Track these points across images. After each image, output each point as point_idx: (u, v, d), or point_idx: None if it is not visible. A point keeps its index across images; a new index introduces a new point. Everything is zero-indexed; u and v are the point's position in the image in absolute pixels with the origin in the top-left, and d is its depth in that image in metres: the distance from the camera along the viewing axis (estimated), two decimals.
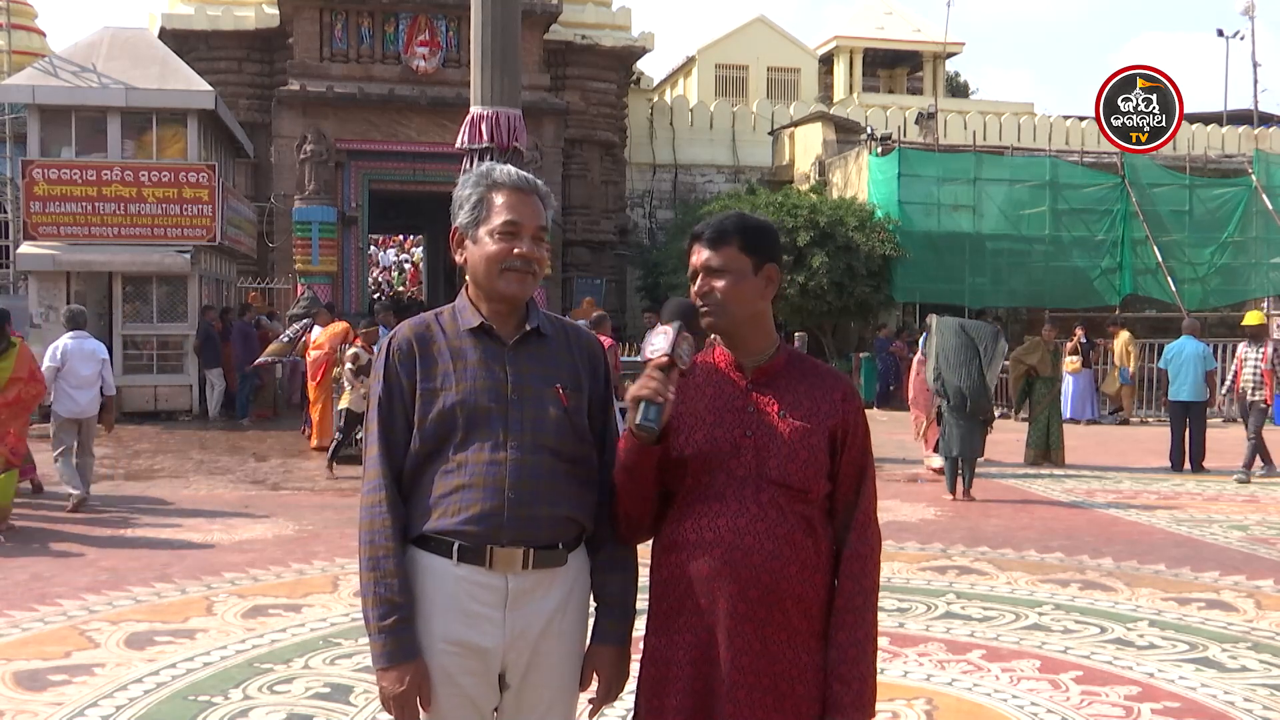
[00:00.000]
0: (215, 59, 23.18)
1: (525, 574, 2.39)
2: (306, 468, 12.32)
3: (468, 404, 2.39)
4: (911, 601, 6.60)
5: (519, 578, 2.38)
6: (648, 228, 27.68)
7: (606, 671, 2.48)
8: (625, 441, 2.35)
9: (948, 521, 9.42)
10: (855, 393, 2.52)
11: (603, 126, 25.09)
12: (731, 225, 2.45)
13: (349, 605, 6.34)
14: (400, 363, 2.43)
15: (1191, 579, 7.36)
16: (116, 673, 5.16)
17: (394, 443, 2.42)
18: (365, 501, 2.41)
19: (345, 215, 22.59)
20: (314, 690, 4.95)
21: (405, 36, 22.62)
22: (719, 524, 2.34)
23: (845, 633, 2.36)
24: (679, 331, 2.31)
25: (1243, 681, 5.23)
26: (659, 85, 34.93)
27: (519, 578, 2.38)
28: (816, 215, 20.60)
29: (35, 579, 6.98)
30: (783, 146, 27.27)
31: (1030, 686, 5.11)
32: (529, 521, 2.38)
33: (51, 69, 17.56)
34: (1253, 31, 39.44)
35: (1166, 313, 21.44)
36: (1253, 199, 22.70)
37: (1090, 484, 11.77)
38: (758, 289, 2.44)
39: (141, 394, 17.07)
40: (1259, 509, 10.33)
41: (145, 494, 10.40)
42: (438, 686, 2.38)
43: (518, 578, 2.38)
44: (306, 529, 8.71)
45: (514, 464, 2.37)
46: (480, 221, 2.46)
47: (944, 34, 32.55)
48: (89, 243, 16.85)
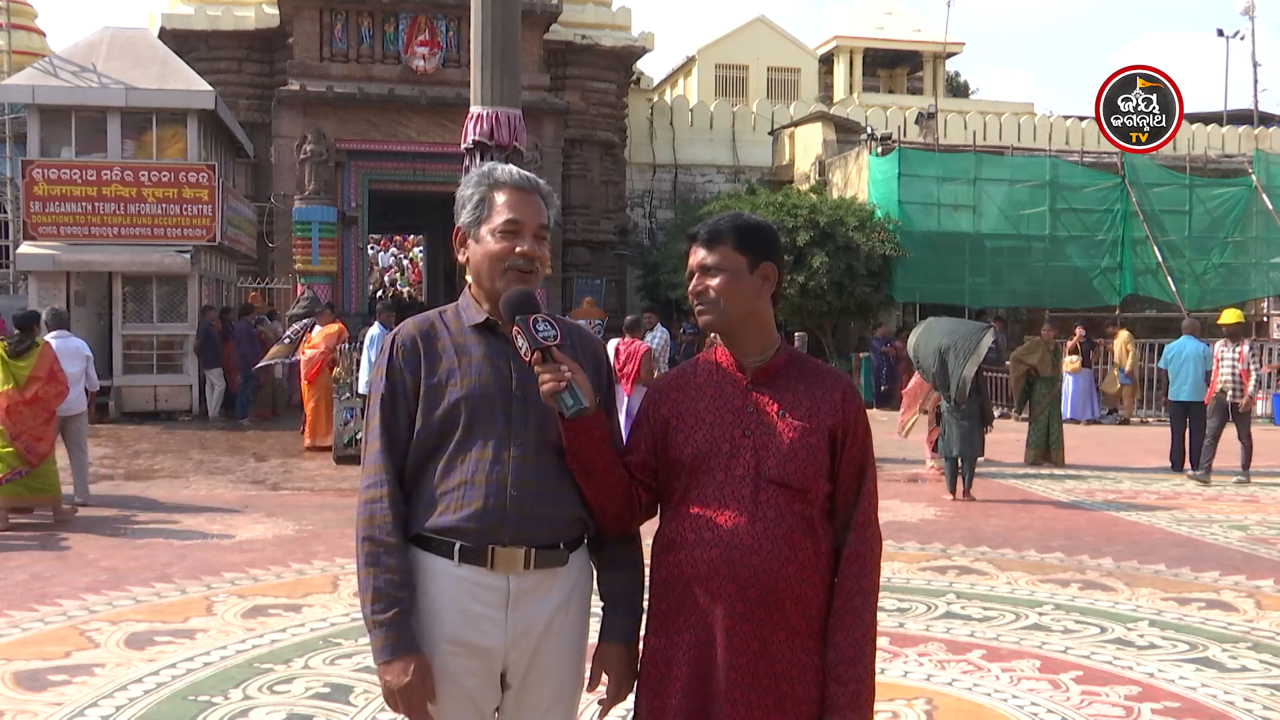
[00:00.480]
0: (215, 59, 23.18)
1: (527, 574, 2.38)
2: (306, 468, 12.33)
3: (472, 399, 2.38)
4: (911, 601, 6.60)
5: (520, 578, 2.38)
6: (648, 228, 27.68)
7: (616, 670, 2.46)
8: (565, 432, 2.35)
9: (948, 521, 9.42)
10: (855, 393, 2.52)
11: (603, 126, 25.09)
12: (725, 225, 2.46)
13: (349, 605, 6.34)
14: (404, 359, 2.43)
15: (1191, 579, 7.36)
16: (116, 673, 5.16)
17: (396, 439, 2.41)
18: (364, 498, 2.40)
19: (345, 215, 22.58)
20: (314, 690, 4.95)
21: (405, 36, 22.62)
22: (718, 523, 2.34)
23: (843, 633, 2.35)
24: (525, 322, 2.31)
25: (1243, 681, 5.23)
26: (659, 85, 34.92)
27: (520, 578, 2.38)
28: (816, 215, 20.59)
29: (35, 579, 6.98)
30: (783, 146, 27.27)
31: (1030, 686, 5.11)
32: (530, 520, 2.37)
33: (51, 69, 17.56)
34: (1253, 31, 39.54)
35: (1166, 313, 21.44)
36: (1253, 199, 22.70)
37: (1090, 484, 11.78)
38: (753, 287, 2.44)
39: (141, 394, 17.07)
40: (1259, 509, 10.33)
41: (145, 494, 10.41)
42: (439, 686, 2.37)
43: (519, 578, 2.38)
44: (306, 529, 8.71)
45: (517, 462, 2.37)
46: (482, 220, 2.46)
47: (944, 34, 32.55)
48: (89, 243, 16.85)
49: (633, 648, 2.49)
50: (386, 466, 2.39)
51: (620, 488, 2.43)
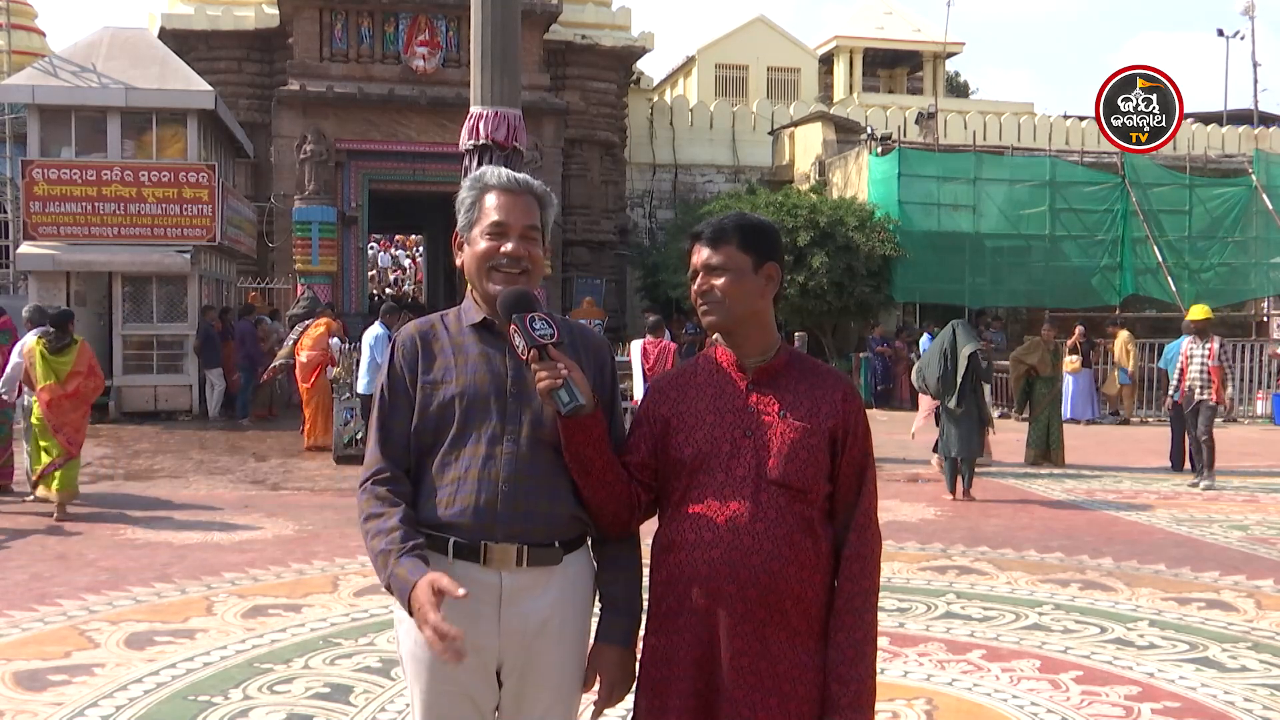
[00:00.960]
0: (215, 59, 23.19)
1: (520, 572, 2.39)
2: (306, 468, 12.33)
3: (466, 395, 2.43)
4: (911, 601, 6.60)
5: (513, 575, 2.39)
6: (648, 228, 27.68)
7: (610, 673, 2.46)
8: (563, 430, 2.36)
9: (948, 521, 9.42)
10: (856, 393, 2.52)
11: (603, 126, 25.09)
12: (730, 224, 2.46)
13: (349, 605, 6.35)
14: (404, 357, 2.50)
15: (1191, 579, 7.36)
16: (116, 673, 5.16)
17: (394, 434, 2.46)
18: (363, 487, 2.45)
19: (345, 215, 22.59)
20: (314, 690, 4.95)
21: (405, 36, 22.62)
22: (718, 524, 2.34)
23: (844, 634, 2.35)
24: (522, 321, 2.33)
25: (1243, 681, 5.23)
26: (659, 85, 34.92)
27: (513, 575, 2.39)
28: (816, 215, 20.60)
29: (35, 579, 6.98)
30: (783, 146, 27.27)
31: (1030, 686, 5.11)
32: (524, 516, 2.39)
33: (51, 69, 17.56)
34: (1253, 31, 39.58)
35: (1166, 313, 21.44)
36: (1253, 199, 22.70)
37: (1090, 484, 11.77)
38: (757, 287, 2.44)
39: (141, 394, 17.07)
40: (1259, 509, 10.33)
41: (145, 494, 10.40)
42: (436, 684, 2.38)
43: (512, 575, 2.39)
44: (306, 529, 8.71)
45: (509, 456, 2.40)
46: (474, 223, 2.53)
47: (944, 34, 32.56)
48: (89, 243, 16.85)
49: (629, 650, 2.49)
50: (384, 456, 2.44)
51: (619, 487, 2.43)
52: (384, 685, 4.99)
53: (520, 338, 2.33)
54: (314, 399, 13.75)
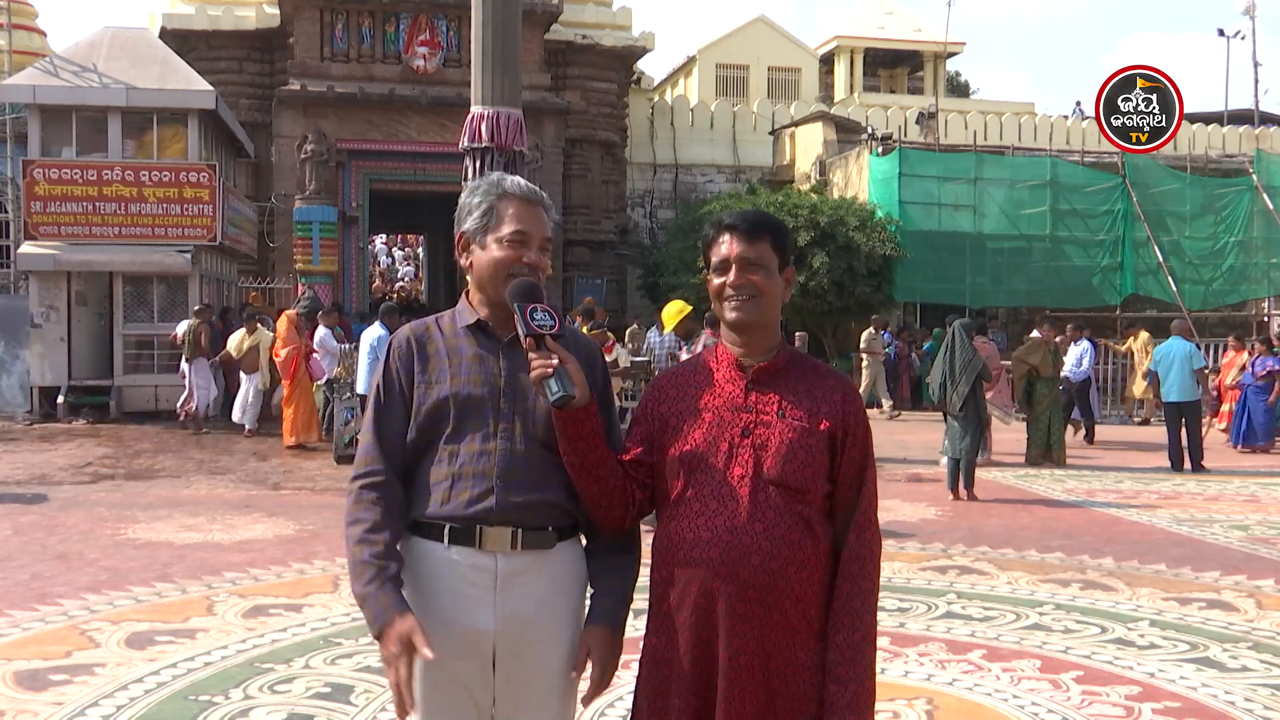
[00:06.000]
0: (215, 59, 23.18)
1: (515, 555, 2.43)
2: (306, 468, 12.33)
3: (460, 395, 2.47)
4: (912, 601, 6.60)
5: (509, 558, 2.43)
6: (648, 227, 27.68)
7: (600, 652, 2.47)
8: (557, 422, 2.37)
9: (948, 521, 9.41)
10: (856, 394, 2.52)
11: (603, 126, 25.08)
12: (763, 221, 2.45)
13: (349, 605, 6.34)
14: (399, 359, 2.54)
15: (1192, 579, 7.35)
16: (117, 672, 5.16)
17: (388, 434, 2.50)
18: (351, 486, 2.48)
19: (346, 215, 22.57)
20: (314, 690, 4.95)
21: (406, 36, 22.61)
22: (716, 523, 2.34)
23: (843, 634, 2.35)
24: (524, 310, 2.37)
25: (1243, 681, 5.23)
26: (659, 85, 34.91)
27: (509, 558, 2.43)
28: (817, 215, 20.59)
29: (35, 579, 6.98)
30: (783, 146, 27.26)
31: (1031, 686, 5.11)
32: (518, 507, 2.43)
33: (52, 69, 17.56)
34: (1253, 31, 39.52)
35: (1167, 313, 21.43)
36: (1253, 199, 22.70)
37: (1091, 484, 11.77)
38: (779, 289, 2.46)
39: (142, 394, 17.07)
40: (1259, 509, 10.33)
41: (145, 494, 10.40)
42: (432, 675, 2.40)
43: (508, 558, 2.43)
44: (307, 529, 8.71)
45: (503, 453, 2.45)
46: (489, 229, 2.54)
47: (944, 34, 32.55)
48: (89, 242, 16.85)
49: (617, 630, 2.50)
50: (375, 456, 2.48)
51: (612, 483, 2.43)
52: (384, 685, 4.98)
53: (521, 325, 2.37)
54: (295, 395, 13.74)
